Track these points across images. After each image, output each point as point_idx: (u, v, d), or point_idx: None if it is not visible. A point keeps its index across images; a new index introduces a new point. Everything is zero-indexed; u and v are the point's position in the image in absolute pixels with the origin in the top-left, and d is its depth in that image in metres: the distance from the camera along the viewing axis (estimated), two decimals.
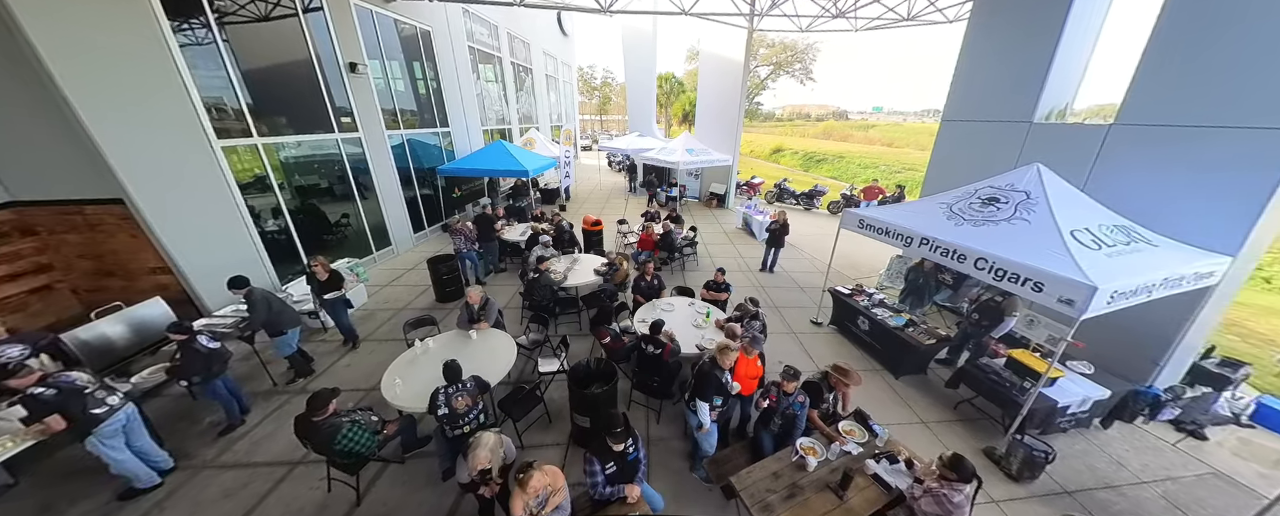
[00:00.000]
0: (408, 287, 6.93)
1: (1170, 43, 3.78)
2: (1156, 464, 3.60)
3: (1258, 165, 3.35)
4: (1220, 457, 3.69)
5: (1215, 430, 3.93)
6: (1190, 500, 3.24)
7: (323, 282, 4.71)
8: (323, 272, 4.69)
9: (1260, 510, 2.53)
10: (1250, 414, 4.05)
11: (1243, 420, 4.03)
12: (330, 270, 4.76)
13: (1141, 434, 3.94)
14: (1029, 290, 3.31)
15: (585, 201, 13.83)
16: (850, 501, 2.54)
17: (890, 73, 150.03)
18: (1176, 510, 3.17)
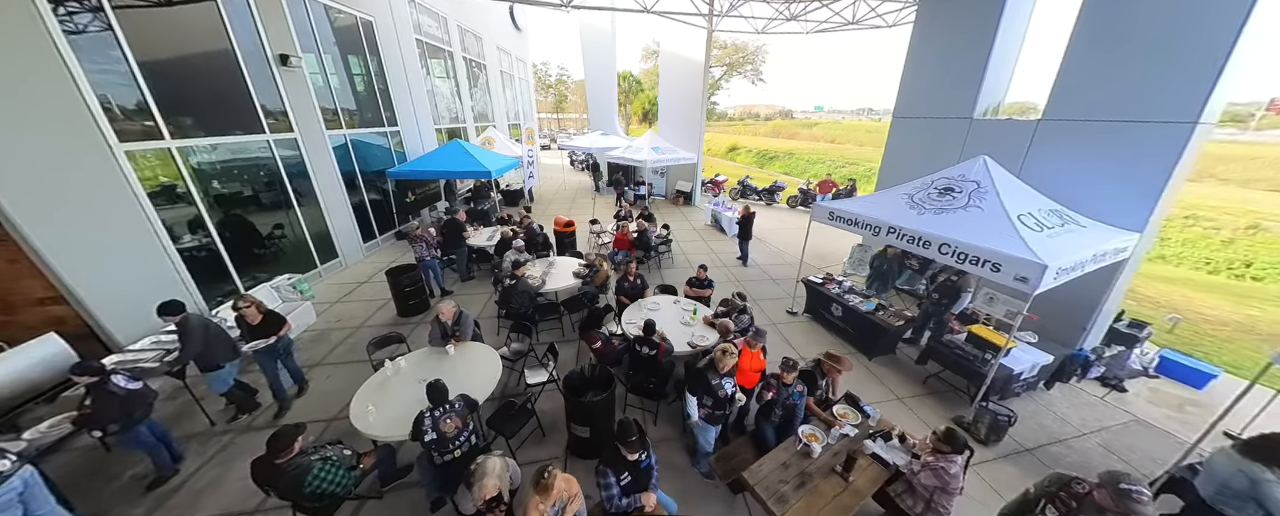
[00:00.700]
0: (363, 303, 6.32)
1: (1085, 47, 4.31)
2: (1092, 417, 4.11)
3: (1158, 154, 3.91)
4: (1138, 406, 4.29)
5: (1131, 382, 4.56)
6: (1122, 446, 3.73)
7: (254, 327, 3.68)
8: (255, 315, 3.65)
9: (1183, 452, 2.95)
10: (1155, 366, 4.75)
11: (1150, 372, 4.72)
12: (266, 312, 3.75)
13: (1077, 391, 4.48)
14: (988, 271, 3.63)
15: (551, 202, 13.45)
16: (856, 482, 2.63)
17: (830, 75, 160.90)
18: (1113, 455, 3.63)
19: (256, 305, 3.70)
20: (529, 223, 7.51)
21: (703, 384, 3.00)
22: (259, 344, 3.67)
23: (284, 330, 3.82)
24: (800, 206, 12.31)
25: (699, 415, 3.05)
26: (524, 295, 4.98)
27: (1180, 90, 3.72)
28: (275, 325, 3.78)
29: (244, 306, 3.64)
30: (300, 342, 5.18)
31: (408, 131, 9.83)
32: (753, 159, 33.75)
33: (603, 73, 14.83)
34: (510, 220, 8.28)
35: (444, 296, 6.48)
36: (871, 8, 9.74)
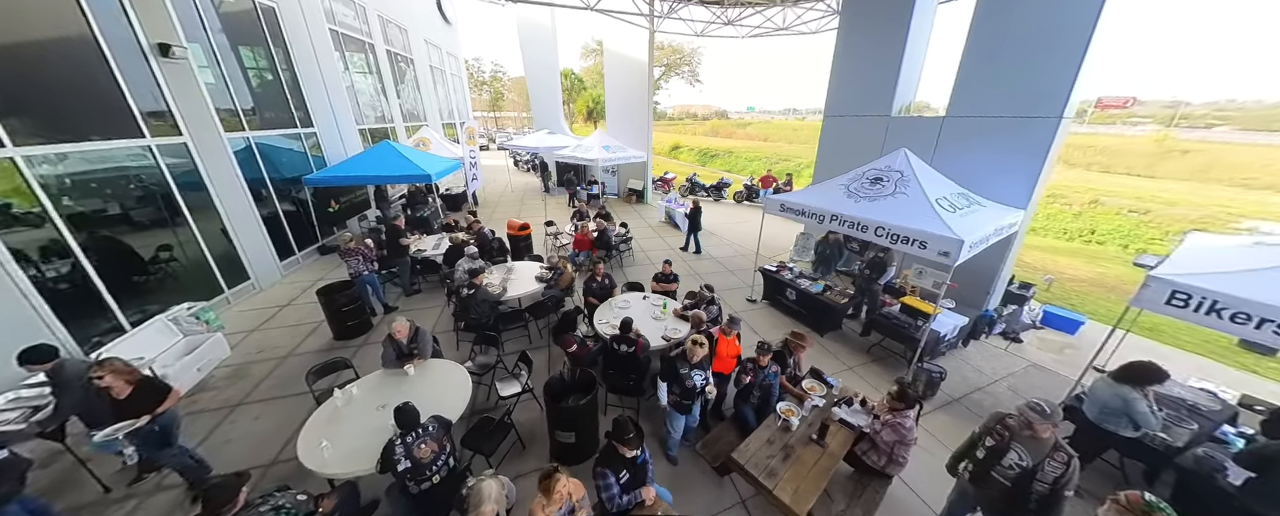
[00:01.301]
0: (289, 329, 5.57)
1: (975, 56, 5.07)
2: (1000, 366, 4.88)
3: (1034, 144, 4.73)
4: (1032, 353, 5.17)
5: (1025, 334, 5.49)
6: (1025, 387, 4.48)
7: (122, 402, 2.57)
8: (121, 387, 2.57)
9: (1071, 385, 3.62)
10: (1040, 319, 5.75)
11: (1037, 324, 5.71)
12: (140, 380, 2.68)
13: (987, 346, 5.29)
14: (916, 248, 4.14)
15: (497, 205, 12.83)
16: (830, 446, 2.88)
17: (759, 77, 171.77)
18: (1019, 395, 4.34)
19: (123, 373, 2.61)
20: (480, 228, 7.11)
21: (672, 372, 3.08)
22: (123, 427, 2.54)
23: (165, 405, 2.75)
24: (746, 201, 13.03)
25: (667, 401, 3.14)
26: (484, 304, 4.73)
27: (1049, 91, 4.53)
28: (151, 399, 2.67)
29: (101, 374, 2.52)
30: (214, 381, 4.45)
31: (326, 132, 8.80)
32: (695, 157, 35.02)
33: (545, 70, 14.42)
34: (457, 226, 7.78)
35: (389, 313, 5.92)
36: (798, 16, 10.57)
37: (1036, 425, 2.18)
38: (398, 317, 3.65)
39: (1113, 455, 3.19)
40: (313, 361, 4.45)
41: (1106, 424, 2.88)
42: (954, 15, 5.23)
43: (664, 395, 3.12)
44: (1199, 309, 2.55)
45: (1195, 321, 2.65)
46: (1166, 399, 3.17)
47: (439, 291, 6.51)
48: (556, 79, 14.76)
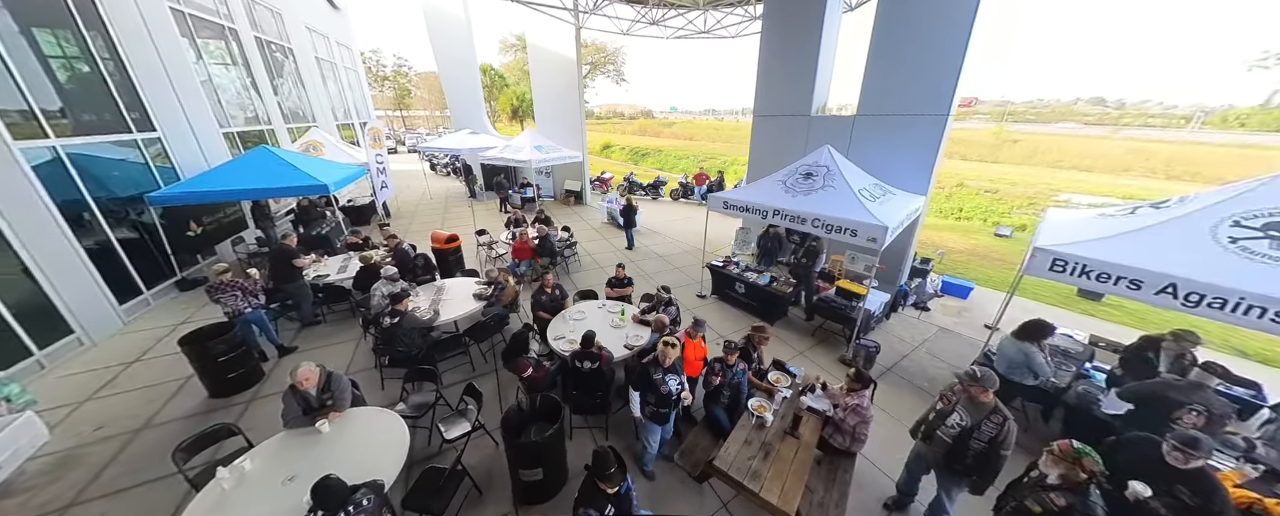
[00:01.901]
0: (140, 392, 4.34)
1: (877, 60, 5.66)
2: (917, 333, 5.55)
3: (928, 137, 5.43)
4: (939, 319, 5.98)
5: (931, 303, 6.33)
6: (940, 350, 5.14)
7: None
8: None
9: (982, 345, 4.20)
10: (940, 288, 6.69)
11: (938, 293, 6.63)
12: None
13: (904, 318, 5.99)
14: (848, 236, 4.50)
15: (414, 216, 11.51)
16: (804, 437, 2.96)
17: (681, 78, 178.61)
18: (936, 358, 4.97)
19: None
20: (399, 243, 6.25)
21: (646, 380, 2.94)
22: None
23: None
24: (682, 198, 13.34)
25: (643, 412, 3.00)
26: (413, 333, 4.12)
27: (937, 92, 5.21)
28: None
29: None
30: (27, 479, 3.28)
31: (176, 138, 7.06)
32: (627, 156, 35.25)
33: (460, 66, 13.21)
34: (367, 244, 6.78)
35: (287, 356, 4.91)
36: (718, 20, 11.03)
37: (973, 390, 2.44)
38: (302, 363, 2.97)
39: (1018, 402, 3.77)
40: (182, 432, 3.52)
41: (1013, 376, 3.38)
42: (861, 23, 5.88)
43: (637, 406, 2.95)
44: (1073, 272, 3.10)
45: (1067, 281, 3.21)
46: (1050, 348, 3.82)
47: (351, 323, 5.58)
48: (475, 75, 13.63)
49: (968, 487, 2.52)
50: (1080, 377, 3.59)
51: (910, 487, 2.96)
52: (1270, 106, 34.30)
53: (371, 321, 4.63)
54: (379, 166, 9.16)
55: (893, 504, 3.05)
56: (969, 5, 4.79)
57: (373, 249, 6.51)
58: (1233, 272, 2.64)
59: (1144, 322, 6.00)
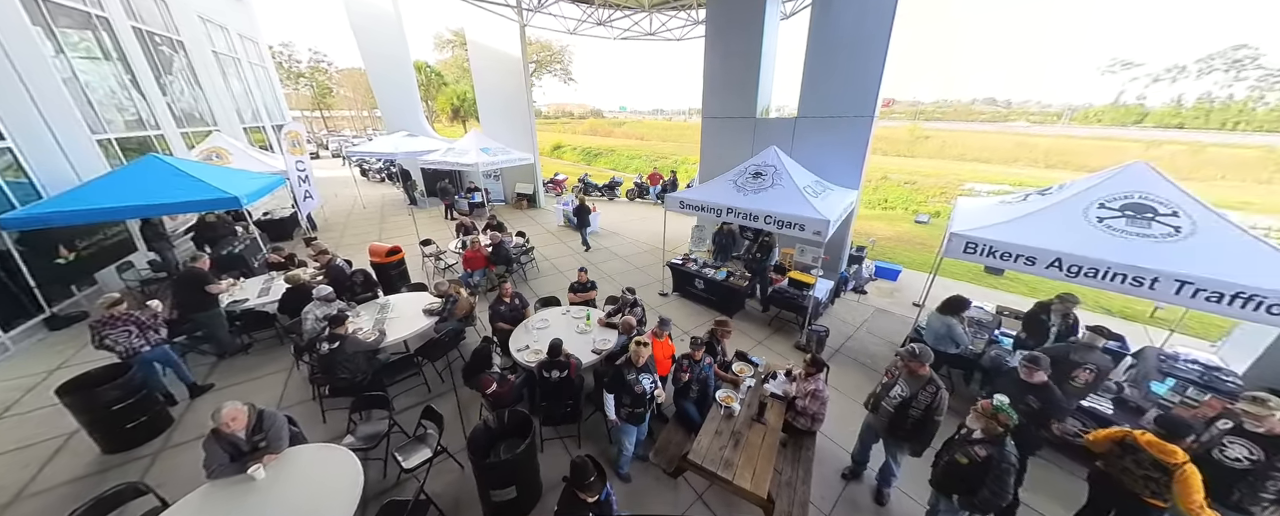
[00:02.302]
0: (10, 456, 3.57)
1: (813, 66, 6.09)
2: (858, 316, 6.07)
3: (858, 137, 5.95)
4: (875, 301, 6.59)
5: (868, 287, 6.95)
6: (878, 328, 5.68)
7: None
8: None
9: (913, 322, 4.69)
10: (873, 272, 7.37)
11: (872, 277, 7.30)
12: None
13: (846, 302, 6.53)
14: (796, 231, 4.82)
15: (346, 227, 10.51)
16: (770, 421, 3.14)
17: (630, 78, 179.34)
18: (876, 336, 5.48)
19: None
20: (331, 259, 5.68)
21: (620, 382, 2.95)
22: None
23: None
24: (638, 198, 13.44)
25: (619, 415, 3.01)
26: (358, 357, 3.78)
27: (864, 94, 5.72)
28: None
29: None
30: None
31: (33, 147, 5.84)
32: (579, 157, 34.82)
33: (391, 64, 12.19)
34: (293, 261, 6.11)
35: (202, 396, 4.28)
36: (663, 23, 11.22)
37: (912, 365, 2.73)
38: (225, 403, 2.61)
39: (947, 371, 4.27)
40: (71, 499, 2.97)
41: (939, 347, 3.82)
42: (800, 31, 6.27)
43: (612, 409, 2.95)
44: (982, 252, 3.57)
45: (977, 261, 3.69)
46: (968, 320, 4.37)
47: (279, 352, 5.01)
48: (409, 73, 12.67)
49: (909, 450, 2.82)
50: (992, 344, 4.15)
51: (863, 456, 3.25)
52: (1119, 104, 41.88)
53: (306, 348, 4.18)
54: (301, 174, 8.25)
55: (850, 473, 3.33)
56: (886, 17, 5.31)
57: (300, 267, 5.86)
58: (1101, 246, 3.19)
59: (1036, 291, 7.04)
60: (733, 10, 6.76)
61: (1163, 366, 3.78)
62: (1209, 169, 20.93)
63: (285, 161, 8.06)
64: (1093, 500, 2.65)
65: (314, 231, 9.64)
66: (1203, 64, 37.77)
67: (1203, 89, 37.46)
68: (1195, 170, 20.75)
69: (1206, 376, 3.72)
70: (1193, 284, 2.84)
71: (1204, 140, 26.47)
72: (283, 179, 7.87)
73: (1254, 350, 4.14)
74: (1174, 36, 72.76)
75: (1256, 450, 2.28)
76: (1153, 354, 3.79)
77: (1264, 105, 34.19)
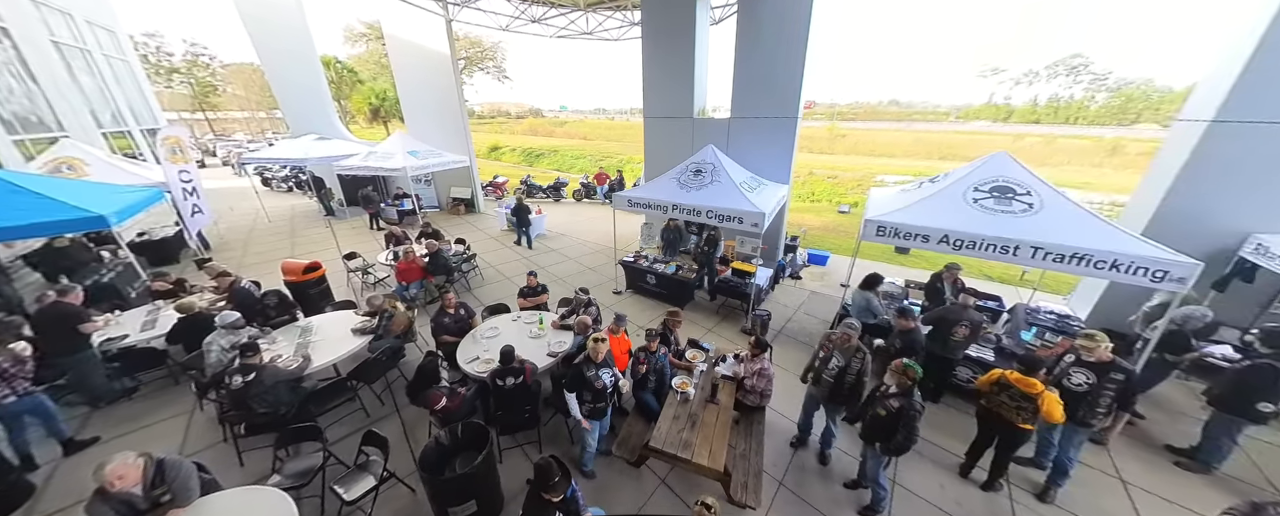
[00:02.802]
0: None
1: (742, 70, 6.50)
2: (795, 299, 6.62)
3: (785, 136, 6.48)
4: (809, 284, 7.23)
5: (803, 272, 7.61)
6: (814, 309, 6.25)
7: None
8: None
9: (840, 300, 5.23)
10: (806, 259, 8.07)
11: (805, 263, 8.00)
12: None
13: (784, 287, 7.09)
14: (736, 224, 5.14)
15: (248, 245, 9.21)
16: (723, 401, 3.34)
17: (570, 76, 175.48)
18: (812, 316, 6.03)
19: None
20: (233, 282, 4.98)
21: (581, 379, 2.98)
22: None
23: None
24: (584, 199, 13.34)
25: (582, 411, 3.04)
26: (279, 388, 3.39)
27: (788, 96, 6.23)
28: None
29: None
30: None
31: None
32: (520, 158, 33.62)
33: (292, 59, 10.79)
34: (182, 288, 5.28)
35: (79, 454, 3.56)
36: (599, 23, 11.23)
37: (847, 336, 3.09)
38: (113, 458, 2.20)
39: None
40: None
41: (863, 318, 4.32)
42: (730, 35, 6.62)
43: (576, 407, 2.95)
44: (890, 234, 4.09)
45: (887, 242, 4.22)
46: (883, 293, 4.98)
47: (175, 392, 4.31)
48: (316, 70, 11.33)
49: (845, 412, 3.18)
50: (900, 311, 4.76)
51: (807, 424, 3.59)
52: (991, 103, 50.13)
53: (211, 384, 3.64)
54: (186, 186, 7.06)
55: (796, 441, 3.66)
56: (802, 26, 5.84)
57: (192, 293, 5.07)
58: (976, 222, 3.82)
59: (934, 265, 8.17)
60: (665, 15, 7.00)
61: (1029, 318, 4.64)
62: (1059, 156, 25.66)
63: (165, 172, 6.85)
64: (981, 431, 3.19)
65: (207, 251, 8.31)
66: (1050, 69, 46.31)
67: (1051, 91, 46.05)
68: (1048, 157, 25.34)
69: (1060, 323, 4.63)
70: (1043, 248, 3.51)
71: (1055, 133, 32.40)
72: (162, 193, 6.68)
73: (1091, 299, 5.22)
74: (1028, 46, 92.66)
75: (1091, 375, 2.91)
76: (1021, 309, 4.63)
77: (1095, 103, 42.82)
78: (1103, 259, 3.36)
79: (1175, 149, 4.53)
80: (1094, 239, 3.45)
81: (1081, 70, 45.91)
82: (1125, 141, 25.91)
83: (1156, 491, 3.26)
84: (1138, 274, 3.28)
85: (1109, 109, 43.09)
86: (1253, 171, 4.01)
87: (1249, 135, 3.97)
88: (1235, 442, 3.21)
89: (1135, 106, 41.69)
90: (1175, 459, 3.50)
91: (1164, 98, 39.49)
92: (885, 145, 30.38)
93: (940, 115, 52.44)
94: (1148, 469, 3.46)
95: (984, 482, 3.26)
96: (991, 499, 3.20)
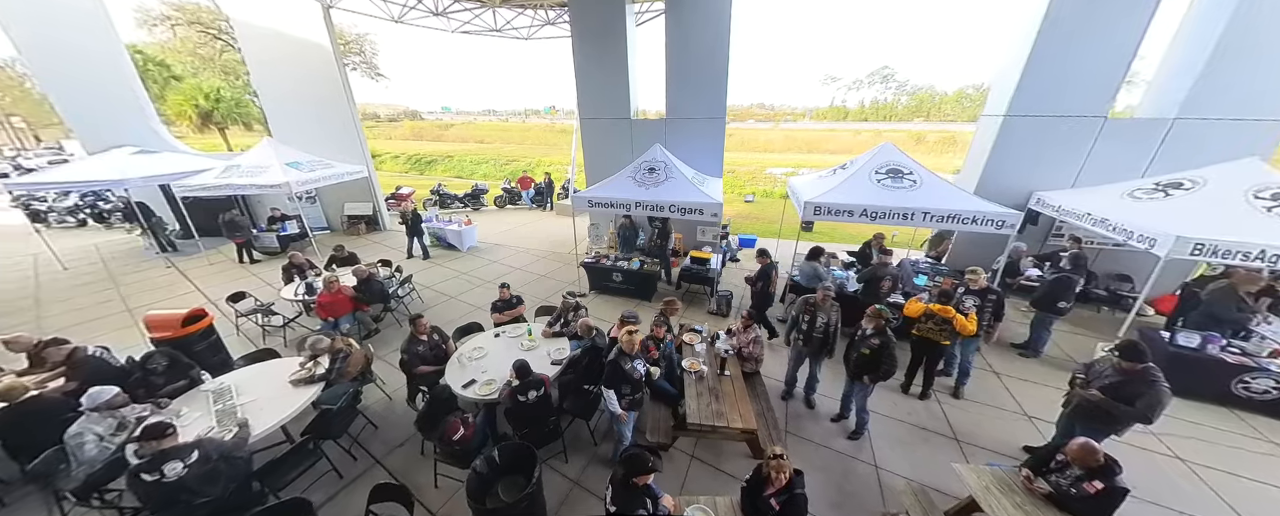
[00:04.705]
0: None
1: (674, 73, 6.98)
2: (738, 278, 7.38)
3: (715, 134, 7.18)
4: (747, 265, 8.14)
5: (738, 255, 8.52)
6: None
7: None
8: None
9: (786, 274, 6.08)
10: (738, 243, 9.05)
11: (739, 247, 8.97)
12: None
13: (730, 268, 7.88)
14: (696, 215, 5.61)
15: (39, 306, 6.60)
16: (733, 372, 3.71)
17: (451, 74, 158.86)
18: None
19: None
20: (74, 351, 3.65)
21: (619, 373, 3.04)
22: None
23: None
24: (509, 205, 12.59)
25: (621, 406, 3.11)
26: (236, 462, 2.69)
27: (716, 98, 6.92)
28: None
29: None
30: None
31: None
32: (404, 165, 29.80)
33: (73, 49, 7.81)
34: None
35: None
36: (508, 20, 10.67)
37: (826, 295, 3.71)
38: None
39: None
40: None
41: (811, 283, 5.16)
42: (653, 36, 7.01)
43: (615, 404, 2.98)
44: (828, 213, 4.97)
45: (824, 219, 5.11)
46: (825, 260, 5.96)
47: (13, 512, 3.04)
48: (123, 63, 8.40)
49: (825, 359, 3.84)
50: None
51: (793, 378, 4.19)
52: (833, 105, 62.12)
53: (93, 487, 2.67)
54: None
55: (785, 394, 4.24)
56: (724, 30, 6.54)
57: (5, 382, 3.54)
58: (883, 197, 4.89)
59: (830, 238, 9.88)
60: (596, 17, 7.11)
61: (915, 268, 6.07)
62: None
63: None
64: (914, 355, 4.15)
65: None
66: (870, 77, 59.33)
67: (872, 94, 59.22)
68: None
69: (932, 268, 6.15)
70: (931, 213, 4.69)
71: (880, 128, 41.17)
72: None
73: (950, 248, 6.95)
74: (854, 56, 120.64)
75: (976, 298, 4.04)
76: (907, 263, 6.03)
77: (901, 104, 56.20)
78: (969, 216, 4.64)
79: (982, 137, 6.39)
80: (959, 203, 4.74)
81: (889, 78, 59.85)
82: (924, 133, 34.37)
83: (1015, 375, 4.66)
84: (989, 225, 4.62)
85: (909, 108, 56.94)
86: (1033, 149, 5.86)
87: (1031, 125, 5.78)
88: (1050, 333, 4.79)
89: (925, 106, 55.74)
90: (1018, 352, 5.02)
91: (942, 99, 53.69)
92: (763, 143, 35.00)
93: (798, 115, 62.60)
94: (1004, 361, 4.91)
95: (919, 393, 4.26)
96: (928, 405, 4.19)
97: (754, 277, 5.13)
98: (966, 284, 4.12)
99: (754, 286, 5.14)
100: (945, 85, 65.27)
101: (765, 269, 5.07)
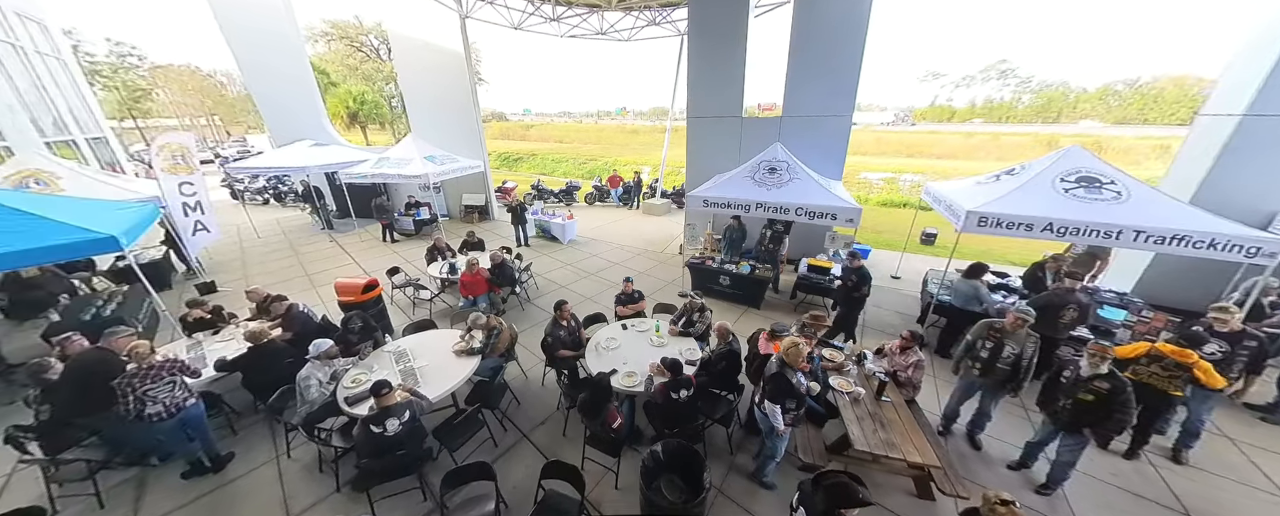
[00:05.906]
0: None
1: (796, 67, 6.60)
2: None
3: (837, 135, 6.66)
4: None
5: None
6: (879, 300, 6.39)
7: None
8: None
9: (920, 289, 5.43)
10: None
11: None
12: None
13: None
14: (829, 219, 5.24)
15: (246, 265, 8.21)
16: (893, 399, 3.35)
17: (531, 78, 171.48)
18: (882, 307, 6.20)
19: None
20: (290, 307, 4.42)
21: (785, 388, 2.88)
22: None
23: None
24: (598, 202, 13.06)
25: (785, 421, 2.94)
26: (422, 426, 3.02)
27: (843, 96, 6.41)
28: None
29: None
30: None
31: None
32: (496, 162, 32.45)
33: (277, 60, 9.68)
34: (221, 317, 4.65)
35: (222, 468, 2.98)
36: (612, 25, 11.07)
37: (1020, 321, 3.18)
38: None
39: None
40: None
41: (968, 307, 4.54)
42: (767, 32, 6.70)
43: (779, 418, 2.83)
44: (993, 224, 4.29)
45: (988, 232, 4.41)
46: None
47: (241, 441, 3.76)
48: (305, 74, 10.28)
49: (1009, 393, 3.29)
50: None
51: (954, 412, 3.68)
52: (935, 105, 55.52)
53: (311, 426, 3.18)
54: (189, 200, 6.16)
55: (943, 428, 3.74)
56: (861, 22, 6.03)
57: (230, 323, 4.48)
58: (1075, 210, 4.10)
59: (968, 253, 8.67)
60: (717, 13, 7.00)
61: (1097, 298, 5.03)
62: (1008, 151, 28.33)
63: (161, 185, 5.94)
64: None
65: (203, 274, 7.29)
66: (984, 73, 51.72)
67: (986, 93, 51.59)
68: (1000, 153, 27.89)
69: (1121, 299, 5.05)
70: (1145, 232, 3.84)
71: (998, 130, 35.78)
72: (157, 209, 5.78)
73: (1130, 277, 5.70)
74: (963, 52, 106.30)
75: (1224, 344, 3.20)
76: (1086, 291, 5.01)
77: (1021, 104, 48.21)
78: (1201, 239, 3.71)
79: (1202, 140, 5.12)
80: (1185, 221, 3.81)
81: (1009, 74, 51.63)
82: (1059, 137, 29.09)
83: (1257, 443, 3.64)
84: (1233, 251, 3.65)
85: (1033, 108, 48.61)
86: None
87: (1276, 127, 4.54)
88: None
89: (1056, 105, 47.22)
90: (1259, 416, 3.92)
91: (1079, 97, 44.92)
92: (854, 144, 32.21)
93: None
94: (1239, 425, 3.86)
95: (1126, 451, 3.49)
96: (1137, 466, 3.43)
97: (845, 273, 4.89)
98: (1211, 324, 3.28)
99: (847, 281, 4.86)
100: (1084, 81, 54.46)
101: (861, 270, 4.79)
